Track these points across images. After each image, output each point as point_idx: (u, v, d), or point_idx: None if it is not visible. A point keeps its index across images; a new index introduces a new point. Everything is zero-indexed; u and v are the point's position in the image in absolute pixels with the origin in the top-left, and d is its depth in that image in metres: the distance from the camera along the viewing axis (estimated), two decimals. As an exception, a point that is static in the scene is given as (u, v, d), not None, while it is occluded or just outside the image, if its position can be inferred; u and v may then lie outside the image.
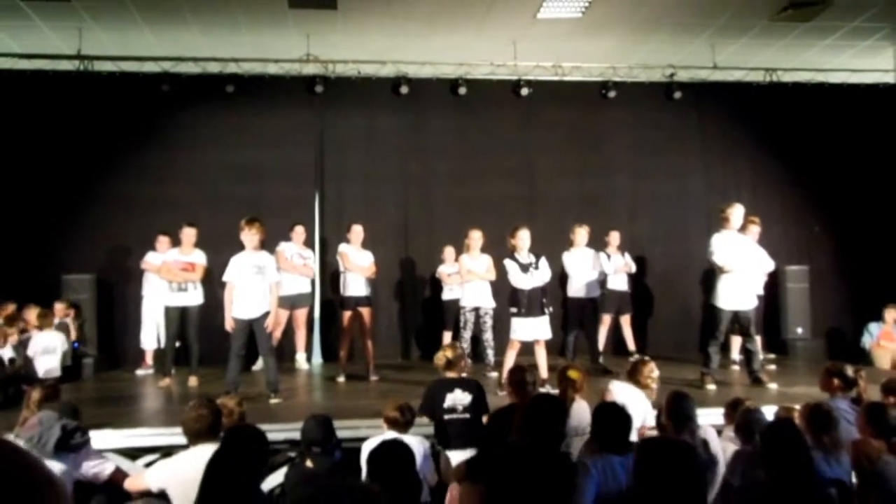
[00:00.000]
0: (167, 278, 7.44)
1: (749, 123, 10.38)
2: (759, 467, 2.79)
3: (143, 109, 9.38)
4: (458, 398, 4.61)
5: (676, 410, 4.00)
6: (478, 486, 2.93)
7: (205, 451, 3.20)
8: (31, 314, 7.54)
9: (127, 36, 8.90)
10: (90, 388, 7.50)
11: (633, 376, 4.85)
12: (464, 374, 4.99)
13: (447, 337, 8.79)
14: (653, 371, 4.82)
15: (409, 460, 2.88)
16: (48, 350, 7.28)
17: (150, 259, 8.24)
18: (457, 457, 4.31)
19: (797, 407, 4.21)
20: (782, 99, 10.33)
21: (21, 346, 7.11)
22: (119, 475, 3.96)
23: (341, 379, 7.45)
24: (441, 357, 4.90)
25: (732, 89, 10.35)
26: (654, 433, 4.47)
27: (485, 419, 4.68)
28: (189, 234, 7.55)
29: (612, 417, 3.57)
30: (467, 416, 4.60)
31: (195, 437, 3.64)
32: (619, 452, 3.37)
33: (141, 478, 3.76)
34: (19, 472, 0.81)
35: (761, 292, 7.78)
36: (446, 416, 4.58)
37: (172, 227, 7.93)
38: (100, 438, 4.78)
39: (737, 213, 6.83)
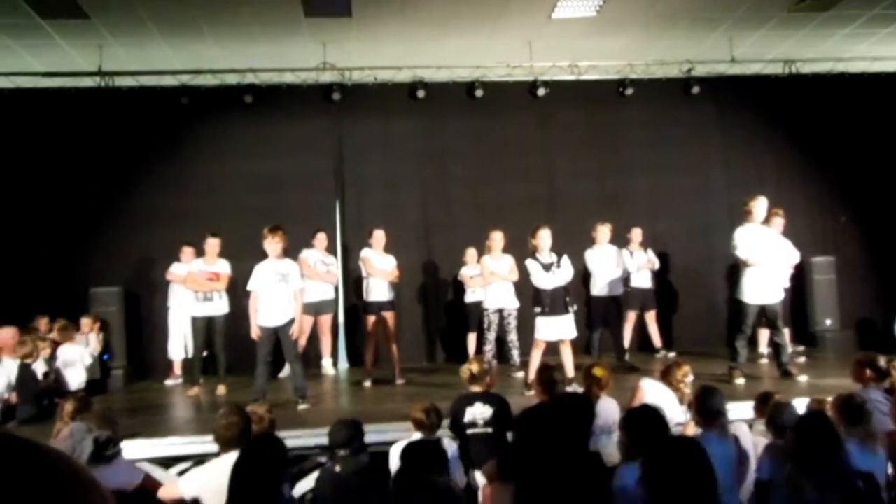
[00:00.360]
0: (193, 288, 7.52)
1: (769, 116, 10.28)
2: (789, 461, 2.75)
3: (163, 122, 9.50)
4: (479, 412, 4.48)
5: (705, 405, 3.97)
6: (508, 486, 2.93)
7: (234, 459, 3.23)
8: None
9: (146, 51, 9.01)
10: (120, 399, 7.60)
11: (667, 377, 4.84)
12: (489, 389, 4.84)
13: (472, 339, 8.80)
14: (687, 375, 4.81)
15: (442, 458, 2.88)
16: (68, 363, 7.37)
17: (175, 270, 8.32)
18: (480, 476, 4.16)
19: (829, 399, 4.16)
20: (802, 90, 10.22)
21: (53, 359, 7.22)
22: (150, 482, 4.00)
23: (368, 383, 7.47)
24: (465, 370, 4.82)
25: (751, 82, 10.26)
26: (681, 429, 4.45)
27: (509, 436, 4.52)
28: (213, 244, 7.63)
29: (646, 421, 3.54)
30: (489, 430, 4.46)
31: (227, 445, 3.67)
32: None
33: (174, 486, 3.80)
34: (69, 474, 0.83)
35: (788, 284, 7.70)
36: (468, 431, 4.47)
37: (196, 238, 8.01)
38: (132, 448, 4.85)
39: (760, 205, 6.76)
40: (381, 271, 7.68)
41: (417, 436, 4.11)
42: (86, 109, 9.27)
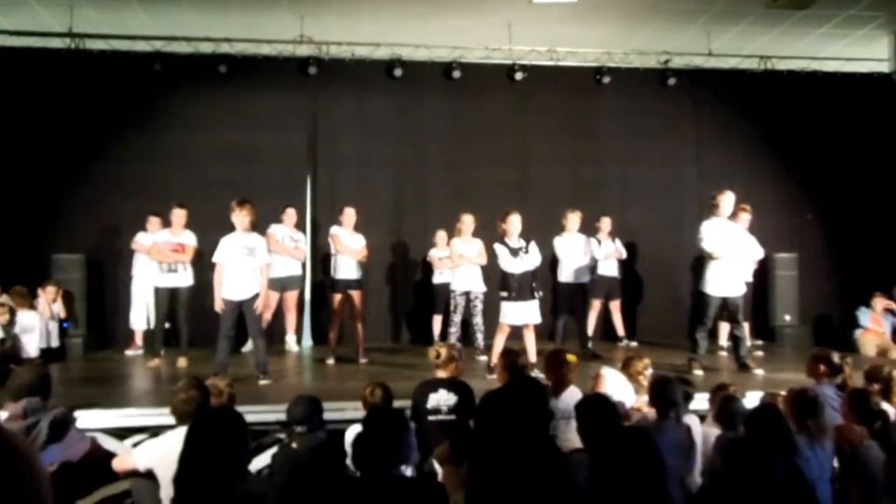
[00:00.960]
0: (157, 259, 7.42)
1: (743, 111, 10.37)
2: (740, 453, 2.80)
3: (135, 89, 9.30)
4: (444, 399, 4.39)
5: (661, 394, 4.02)
6: (460, 469, 2.94)
7: None
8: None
9: (119, 14, 8.82)
10: (79, 367, 7.51)
11: (626, 368, 4.90)
12: (455, 376, 4.70)
13: (437, 321, 8.83)
14: (647, 367, 4.86)
15: (404, 425, 2.85)
16: (26, 329, 7.31)
17: (141, 239, 8.21)
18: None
19: (783, 393, 4.24)
20: (777, 87, 10.32)
21: (10, 326, 7.11)
22: (96, 450, 3.95)
23: (330, 361, 7.46)
24: (433, 352, 4.70)
25: (727, 76, 10.34)
26: (644, 412, 4.51)
27: (472, 423, 4.38)
28: (179, 214, 7.52)
29: (597, 410, 3.58)
30: (452, 417, 4.37)
31: (184, 418, 3.63)
32: None
33: (128, 457, 3.76)
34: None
35: (750, 279, 7.81)
36: (430, 418, 4.36)
37: (163, 208, 7.89)
38: (88, 418, 4.79)
39: (727, 200, 6.84)
40: (349, 249, 7.65)
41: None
42: (54, 71, 9.06)
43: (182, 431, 3.52)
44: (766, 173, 10.36)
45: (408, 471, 4.03)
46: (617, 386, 4.73)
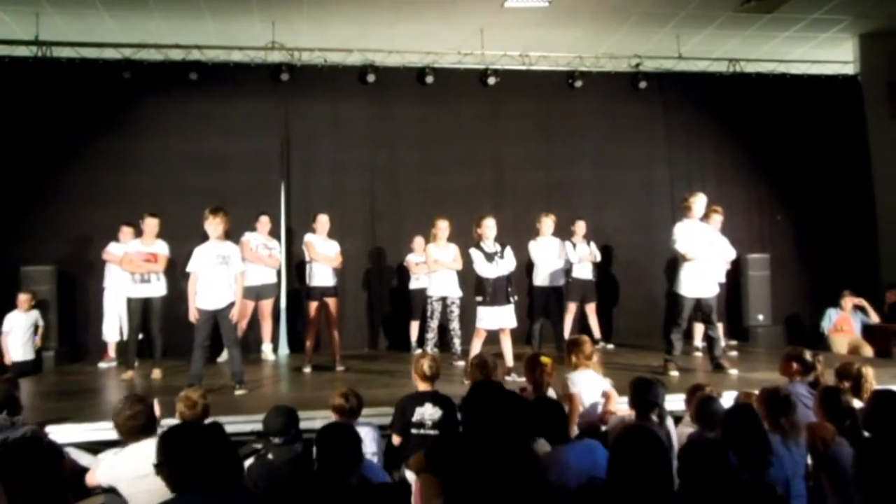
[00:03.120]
0: (129, 270, 7.31)
1: (713, 113, 10.51)
2: (713, 453, 2.82)
3: (104, 97, 9.18)
4: (429, 413, 4.33)
5: (642, 397, 4.04)
6: (437, 478, 2.93)
7: (146, 447, 3.13)
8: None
9: (86, 21, 8.71)
10: (51, 381, 7.38)
11: (577, 358, 4.87)
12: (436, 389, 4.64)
13: (414, 327, 8.82)
14: (595, 353, 4.93)
15: (354, 443, 2.85)
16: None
17: (113, 250, 8.10)
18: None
19: (757, 392, 4.28)
20: (745, 89, 10.48)
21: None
22: (68, 464, 3.87)
23: (307, 370, 7.41)
24: (419, 368, 4.55)
25: (697, 79, 10.48)
26: (620, 415, 4.54)
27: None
28: (151, 224, 7.42)
29: (546, 412, 3.63)
30: (435, 432, 4.30)
31: (131, 436, 3.50)
32: (563, 442, 3.47)
33: (94, 473, 3.68)
34: None
35: (723, 280, 7.89)
36: (413, 431, 4.32)
37: (135, 218, 7.79)
38: (60, 432, 4.71)
39: (699, 202, 6.91)
40: (324, 256, 7.61)
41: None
42: (21, 80, 8.92)
43: (135, 448, 3.45)
44: (737, 175, 10.50)
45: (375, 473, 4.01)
46: (587, 385, 4.75)
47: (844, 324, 9.21)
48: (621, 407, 4.65)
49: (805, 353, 4.73)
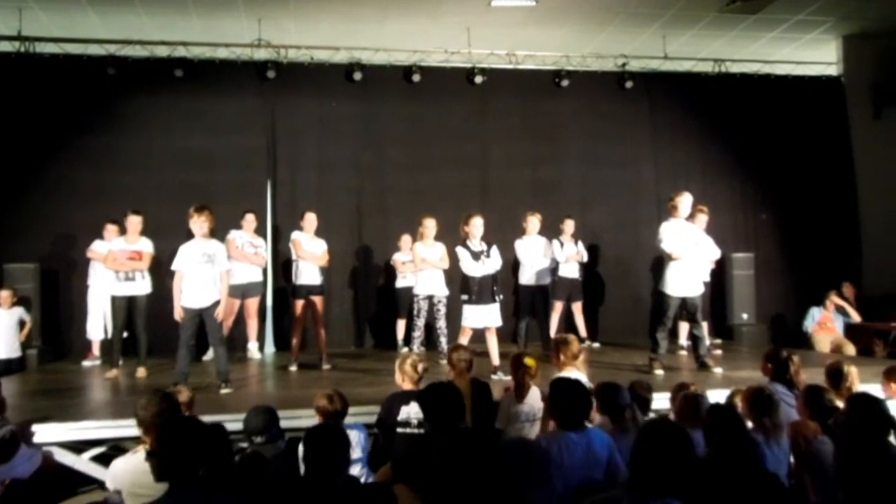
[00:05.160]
0: (113, 268, 7.24)
1: (699, 113, 10.57)
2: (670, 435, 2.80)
3: (89, 93, 9.12)
4: (414, 412, 4.27)
5: (609, 402, 3.98)
6: (409, 488, 2.93)
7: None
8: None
9: (70, 17, 8.64)
10: (35, 379, 7.30)
11: (563, 358, 4.84)
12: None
13: (401, 325, 8.82)
14: (582, 352, 4.89)
15: (342, 445, 2.85)
16: None
17: (97, 248, 8.04)
18: None
19: (746, 390, 4.31)
20: (731, 89, 10.55)
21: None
22: (49, 463, 3.86)
23: (293, 368, 7.39)
24: (405, 367, 4.54)
25: (683, 79, 10.53)
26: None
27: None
28: (134, 221, 7.35)
29: (569, 394, 3.56)
30: (420, 431, 4.25)
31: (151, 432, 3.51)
32: (576, 429, 3.41)
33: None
34: None
35: (708, 279, 7.95)
36: (399, 430, 4.30)
37: (120, 215, 7.71)
38: (44, 432, 4.68)
39: (685, 201, 6.94)
40: (311, 255, 7.59)
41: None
42: (3, 76, 8.85)
43: (138, 455, 3.44)
44: (722, 174, 10.57)
45: (362, 474, 4.01)
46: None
47: (828, 322, 9.30)
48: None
49: (780, 353, 4.77)
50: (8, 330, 7.88)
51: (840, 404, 4.06)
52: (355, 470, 3.94)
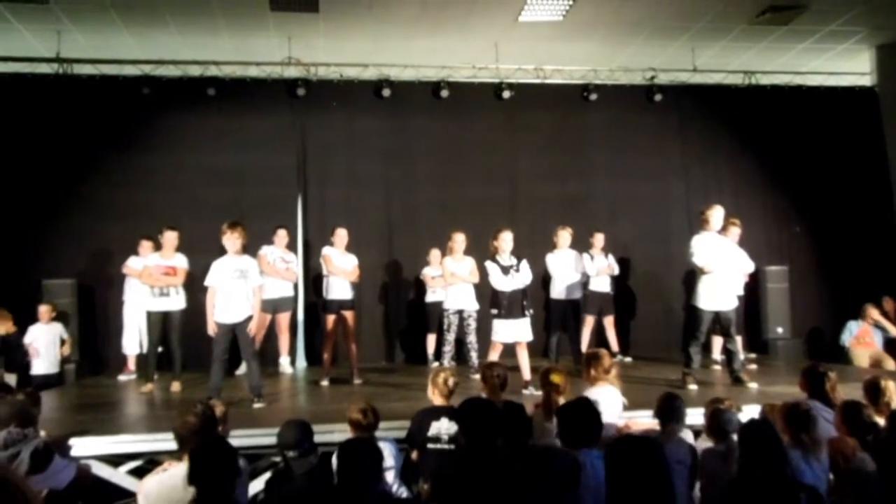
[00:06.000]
0: (148, 283, 7.37)
1: (729, 126, 10.49)
2: (728, 466, 2.81)
3: (124, 113, 9.32)
4: (445, 427, 4.27)
5: (667, 410, 4.05)
6: None
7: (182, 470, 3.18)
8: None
9: (106, 38, 8.84)
10: (72, 394, 7.44)
11: (596, 372, 4.81)
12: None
13: (431, 340, 8.83)
14: (614, 366, 4.85)
15: (375, 458, 2.86)
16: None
17: (132, 263, 8.18)
18: None
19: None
20: (761, 101, 10.45)
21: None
22: (84, 474, 3.91)
23: (325, 383, 7.43)
24: (436, 382, 4.51)
25: (712, 92, 10.46)
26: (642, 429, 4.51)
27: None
28: (170, 237, 7.48)
29: (577, 413, 3.64)
30: (451, 447, 4.24)
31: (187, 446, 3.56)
32: (589, 446, 3.45)
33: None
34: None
35: (741, 293, 7.85)
36: (429, 445, 4.29)
37: (154, 232, 7.85)
38: (81, 445, 4.76)
39: (717, 214, 6.89)
40: (341, 270, 7.64)
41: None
42: (43, 97, 9.08)
43: (172, 471, 3.49)
44: (753, 187, 10.45)
45: (399, 490, 4.01)
46: (605, 401, 4.70)
47: (866, 336, 9.11)
48: (643, 420, 4.63)
49: (818, 368, 4.70)
50: (48, 346, 8.02)
51: (879, 420, 3.98)
52: (388, 478, 3.96)
